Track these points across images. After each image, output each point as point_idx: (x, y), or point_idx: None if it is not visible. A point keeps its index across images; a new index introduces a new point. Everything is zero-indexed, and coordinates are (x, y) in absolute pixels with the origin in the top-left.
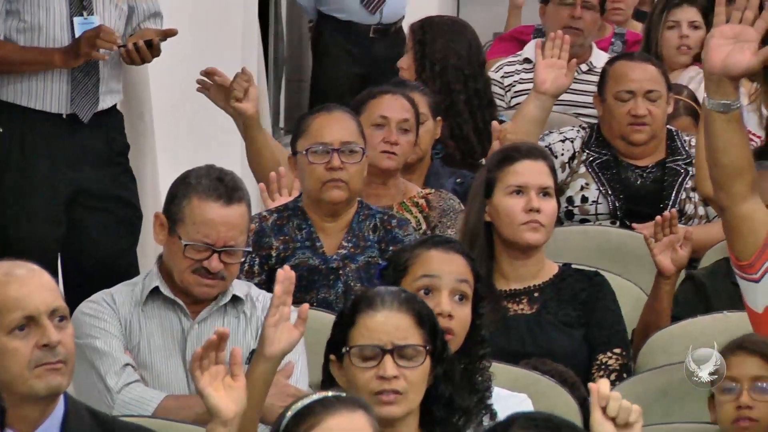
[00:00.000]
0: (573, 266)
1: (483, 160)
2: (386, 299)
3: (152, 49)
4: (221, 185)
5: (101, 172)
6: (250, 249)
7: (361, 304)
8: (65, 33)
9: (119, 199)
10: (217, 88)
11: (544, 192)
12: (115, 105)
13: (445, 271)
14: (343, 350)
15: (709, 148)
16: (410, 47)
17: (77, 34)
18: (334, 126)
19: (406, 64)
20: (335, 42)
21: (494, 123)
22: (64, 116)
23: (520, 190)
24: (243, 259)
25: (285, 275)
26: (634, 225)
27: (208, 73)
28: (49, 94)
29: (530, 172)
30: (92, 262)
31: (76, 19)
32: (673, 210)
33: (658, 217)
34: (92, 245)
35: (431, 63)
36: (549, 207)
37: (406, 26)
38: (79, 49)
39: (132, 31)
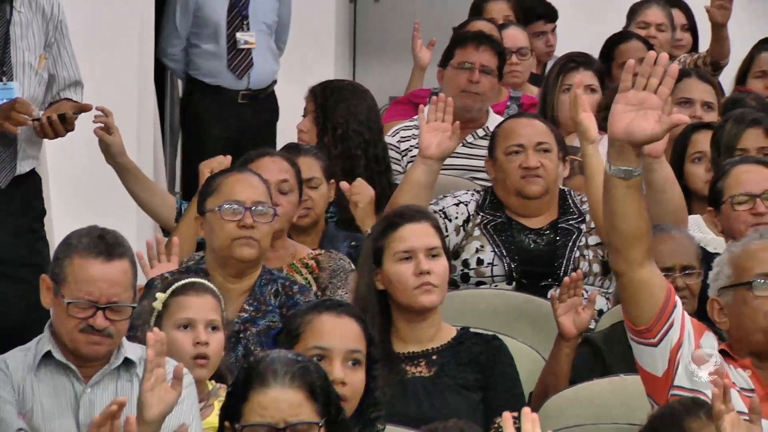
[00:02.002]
0: (471, 330)
1: None
2: (278, 374)
3: (66, 123)
4: (101, 242)
5: (17, 240)
6: (135, 305)
7: (253, 380)
8: None
9: (34, 267)
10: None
11: (432, 253)
12: (33, 169)
13: (337, 339)
14: (237, 426)
15: (608, 213)
16: (310, 110)
17: None
18: (247, 185)
19: (305, 127)
20: (204, 106)
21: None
22: None
23: (408, 255)
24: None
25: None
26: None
27: (104, 112)
28: None
29: (415, 235)
30: (4, 331)
31: None
32: (579, 271)
33: (566, 278)
34: (4, 313)
35: (333, 127)
36: (439, 267)
37: (281, 90)
38: None
39: (52, 98)
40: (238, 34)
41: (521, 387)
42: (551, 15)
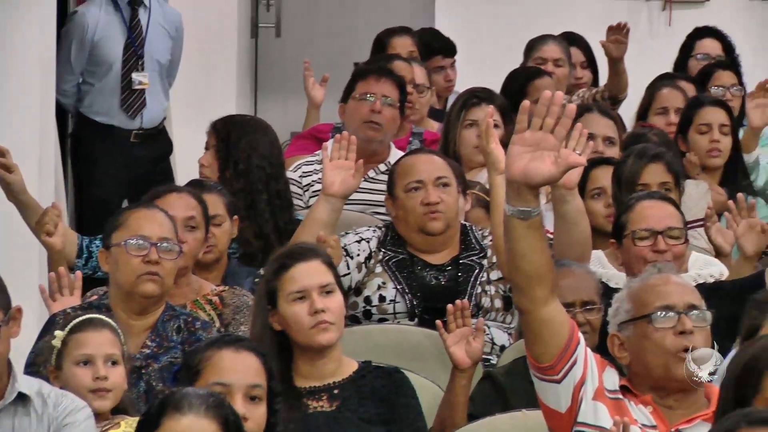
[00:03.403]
0: (373, 363)
1: None
2: (194, 404)
3: None
4: None
5: None
6: None
7: (168, 407)
8: None
9: None
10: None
11: (326, 290)
12: None
13: (237, 375)
14: None
15: (510, 253)
16: (212, 145)
17: None
18: (153, 221)
19: (207, 161)
20: (96, 144)
21: (320, 236)
22: None
23: (301, 295)
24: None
25: None
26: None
27: (1, 152)
28: None
29: (307, 274)
30: None
31: None
32: (465, 300)
33: (450, 306)
34: None
35: (235, 162)
36: (334, 303)
37: (182, 125)
38: None
39: None
40: (133, 75)
41: (424, 420)
42: (449, 50)
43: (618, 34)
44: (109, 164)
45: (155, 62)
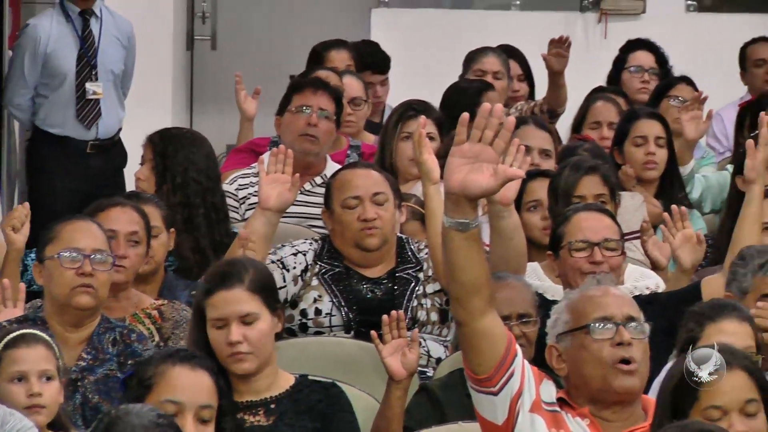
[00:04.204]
0: (309, 377)
1: None
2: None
3: None
4: None
5: None
6: None
7: None
8: None
9: None
10: None
11: (245, 320)
12: None
13: (190, 394)
14: None
15: (447, 265)
16: (148, 158)
17: None
18: (87, 233)
19: (144, 175)
20: (51, 157)
21: (243, 231)
22: None
23: (221, 324)
24: None
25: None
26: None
27: None
28: None
29: (226, 303)
30: None
31: None
32: (400, 312)
33: (385, 317)
34: None
35: (172, 175)
36: (254, 332)
37: (126, 137)
38: None
39: None
40: (87, 85)
41: None
42: (380, 66)
43: (559, 47)
44: (65, 176)
45: (109, 72)
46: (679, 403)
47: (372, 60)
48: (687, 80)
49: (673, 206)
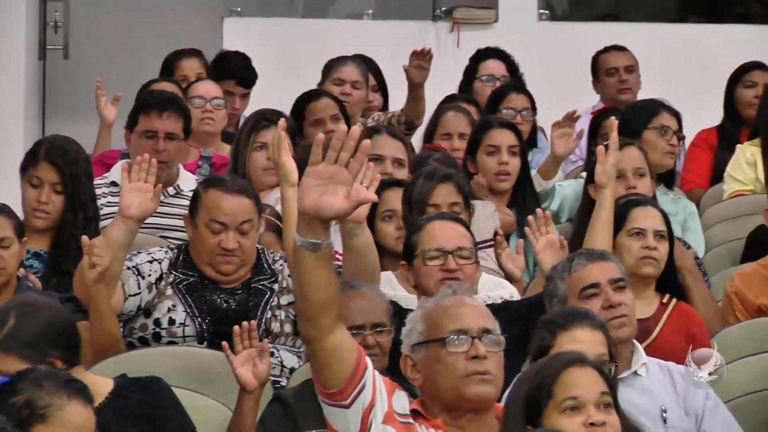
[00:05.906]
0: (129, 376)
1: None
2: None
3: None
4: None
5: None
6: None
7: None
8: None
9: None
10: None
11: None
12: None
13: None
14: None
15: (297, 283)
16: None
17: None
18: None
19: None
20: None
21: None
22: None
23: None
24: None
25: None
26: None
27: None
28: None
29: None
30: None
31: None
32: (253, 322)
33: (236, 327)
34: None
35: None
36: None
37: None
38: None
39: None
40: None
41: (190, 422)
42: (247, 81)
43: (421, 59)
44: None
45: None
46: (534, 404)
47: (240, 72)
48: (519, 89)
49: (538, 210)
